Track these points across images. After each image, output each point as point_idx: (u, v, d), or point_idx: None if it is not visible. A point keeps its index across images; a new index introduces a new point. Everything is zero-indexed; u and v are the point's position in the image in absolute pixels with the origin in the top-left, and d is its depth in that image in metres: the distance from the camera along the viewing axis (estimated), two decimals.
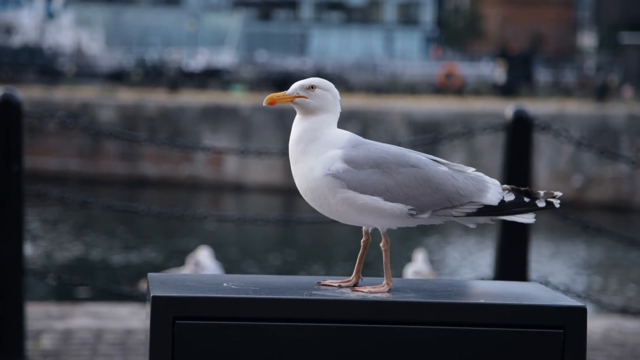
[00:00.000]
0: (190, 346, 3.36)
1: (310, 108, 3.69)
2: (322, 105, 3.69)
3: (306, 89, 3.70)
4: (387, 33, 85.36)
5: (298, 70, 55.54)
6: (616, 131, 32.58)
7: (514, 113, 8.45)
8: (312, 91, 3.70)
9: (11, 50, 54.87)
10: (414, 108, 35.41)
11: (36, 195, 8.72)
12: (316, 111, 3.69)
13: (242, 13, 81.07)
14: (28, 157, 27.43)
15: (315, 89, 3.70)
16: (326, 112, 3.69)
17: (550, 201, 3.73)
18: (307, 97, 3.69)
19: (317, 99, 3.69)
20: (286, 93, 3.71)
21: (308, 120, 3.68)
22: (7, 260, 7.69)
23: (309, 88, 3.70)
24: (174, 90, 42.41)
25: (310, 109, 3.69)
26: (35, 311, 9.78)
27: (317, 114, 3.69)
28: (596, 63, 68.80)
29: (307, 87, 3.70)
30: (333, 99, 3.71)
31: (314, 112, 3.69)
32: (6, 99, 7.75)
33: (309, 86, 3.70)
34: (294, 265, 21.51)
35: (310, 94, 3.69)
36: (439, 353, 3.40)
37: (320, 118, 3.68)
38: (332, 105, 3.70)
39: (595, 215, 28.77)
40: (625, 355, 9.13)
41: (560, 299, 3.56)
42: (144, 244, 23.07)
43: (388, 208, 3.62)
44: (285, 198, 31.54)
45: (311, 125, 3.67)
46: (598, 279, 21.25)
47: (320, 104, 3.69)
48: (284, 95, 3.70)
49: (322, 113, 3.69)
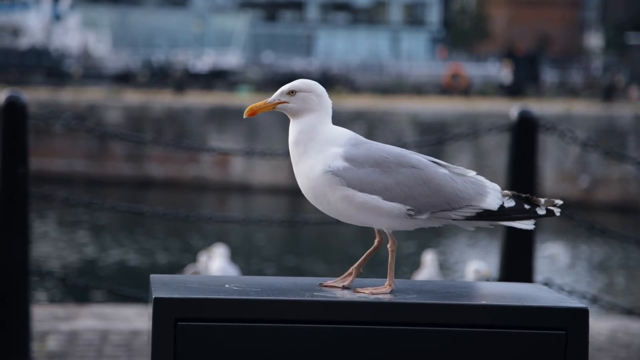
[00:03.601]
0: (192, 347, 3.37)
1: (294, 111, 3.73)
2: (306, 107, 3.73)
3: (286, 94, 3.75)
4: (393, 34, 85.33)
5: (304, 71, 55.56)
6: (623, 132, 32.54)
7: (519, 114, 8.44)
8: (293, 95, 3.74)
9: (18, 52, 54.95)
10: (420, 108, 35.40)
11: (42, 196, 8.73)
12: (301, 113, 3.73)
13: (248, 14, 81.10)
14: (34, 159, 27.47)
15: (296, 93, 3.73)
16: (313, 112, 3.73)
17: (550, 209, 3.73)
18: (288, 102, 3.73)
19: (299, 101, 3.73)
20: (267, 101, 3.76)
21: (299, 122, 3.72)
22: (12, 261, 7.70)
23: (289, 93, 3.75)
24: (180, 91, 42.45)
25: (294, 112, 3.73)
26: (40, 313, 9.79)
27: (304, 115, 3.72)
28: (603, 63, 68.70)
29: (287, 92, 3.75)
30: (317, 98, 3.74)
31: (300, 115, 3.72)
32: (12, 101, 7.76)
33: (289, 91, 3.75)
34: (299, 266, 21.51)
35: (291, 99, 3.74)
36: (440, 354, 3.40)
37: (310, 118, 3.72)
38: (316, 104, 3.73)
39: (602, 216, 28.74)
40: (632, 357, 9.12)
41: (562, 300, 3.56)
42: (150, 245, 23.09)
43: (386, 207, 3.63)
44: (291, 199, 31.55)
45: (305, 126, 3.71)
46: (604, 280, 21.22)
47: (304, 106, 3.73)
48: (264, 104, 3.76)
49: (308, 113, 3.72)
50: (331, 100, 3.81)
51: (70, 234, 24.43)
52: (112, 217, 25.92)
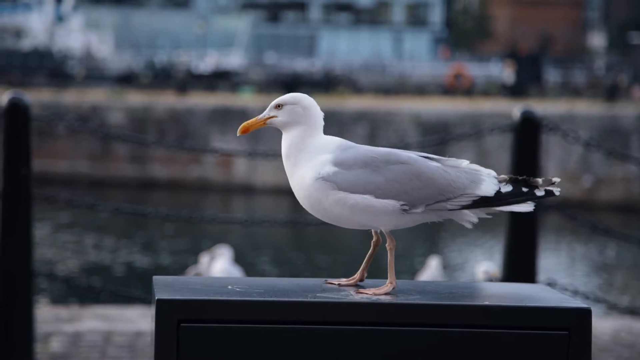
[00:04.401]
0: (195, 349, 3.37)
1: (282, 125, 3.79)
2: (293, 119, 3.78)
3: (274, 108, 3.81)
4: (395, 34, 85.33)
5: (307, 72, 55.57)
6: (626, 131, 32.53)
7: (522, 114, 8.44)
8: (280, 109, 3.80)
9: (21, 54, 55.01)
10: (422, 109, 35.40)
11: (45, 198, 8.74)
12: (289, 126, 3.78)
13: (251, 15, 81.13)
14: (38, 160, 27.50)
15: (283, 106, 3.79)
16: (300, 125, 3.77)
17: (549, 190, 3.70)
18: (276, 116, 3.78)
19: (286, 114, 3.79)
20: (258, 117, 3.82)
21: (289, 135, 3.78)
22: (16, 263, 7.71)
23: (277, 107, 3.81)
24: (183, 92, 42.47)
25: (282, 125, 3.79)
26: (44, 314, 9.80)
27: (292, 128, 3.78)
28: (605, 63, 68.68)
29: (275, 106, 3.81)
30: (303, 110, 3.79)
31: (289, 127, 3.78)
32: (14, 102, 7.77)
33: (276, 105, 3.81)
34: (301, 266, 21.52)
35: (278, 112, 3.80)
36: (443, 355, 3.40)
37: (298, 130, 3.77)
38: (303, 117, 3.78)
39: (605, 216, 28.73)
40: (635, 356, 9.11)
41: (565, 300, 3.56)
42: (153, 246, 23.10)
43: (379, 205, 3.64)
44: (294, 200, 31.49)
45: (294, 140, 3.76)
46: (607, 280, 21.21)
47: (290, 118, 3.78)
48: (255, 120, 3.82)
49: (296, 126, 3.77)
50: (333, 101, 3.83)
51: (73, 235, 24.45)
52: (116, 218, 25.94)
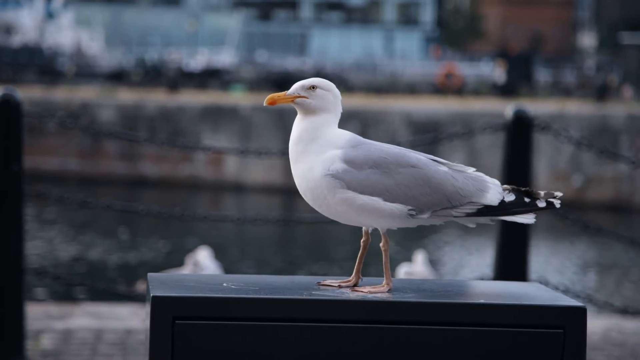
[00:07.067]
0: (190, 346, 3.36)
1: (311, 108, 3.69)
2: (323, 106, 3.70)
3: (307, 89, 3.71)
4: (387, 33, 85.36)
5: (298, 70, 55.53)
6: (616, 131, 32.58)
7: (514, 113, 8.45)
8: (313, 91, 3.70)
9: (11, 50, 54.86)
10: (413, 108, 35.41)
11: (36, 195, 8.72)
12: (317, 111, 3.70)
13: (242, 13, 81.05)
14: (28, 157, 27.42)
15: (316, 89, 3.71)
16: (327, 112, 3.71)
17: (550, 201, 3.72)
18: (307, 97, 3.70)
19: (318, 99, 3.70)
20: (287, 93, 3.72)
21: (308, 120, 3.68)
22: (6, 260, 7.69)
23: (309, 88, 3.70)
24: (173, 90, 42.41)
25: (311, 109, 3.69)
26: (35, 311, 9.78)
27: (318, 114, 3.70)
28: (596, 63, 68.78)
29: (308, 87, 3.71)
30: (334, 99, 3.72)
31: (315, 112, 3.70)
32: (6, 98, 7.75)
33: (310, 86, 3.71)
34: (293, 265, 21.51)
35: (311, 94, 3.70)
36: (438, 353, 3.40)
37: (321, 118, 3.69)
38: (332, 105, 3.71)
39: (595, 215, 28.77)
40: (625, 355, 9.13)
41: (560, 299, 3.56)
42: (144, 244, 23.07)
43: (387, 208, 3.61)
44: (285, 198, 31.54)
45: (311, 125, 3.67)
46: (598, 279, 21.25)
47: (321, 104, 3.70)
48: (284, 95, 3.71)
49: (322, 113, 3.70)
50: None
51: (64, 232, 24.40)
52: (107, 215, 25.89)
